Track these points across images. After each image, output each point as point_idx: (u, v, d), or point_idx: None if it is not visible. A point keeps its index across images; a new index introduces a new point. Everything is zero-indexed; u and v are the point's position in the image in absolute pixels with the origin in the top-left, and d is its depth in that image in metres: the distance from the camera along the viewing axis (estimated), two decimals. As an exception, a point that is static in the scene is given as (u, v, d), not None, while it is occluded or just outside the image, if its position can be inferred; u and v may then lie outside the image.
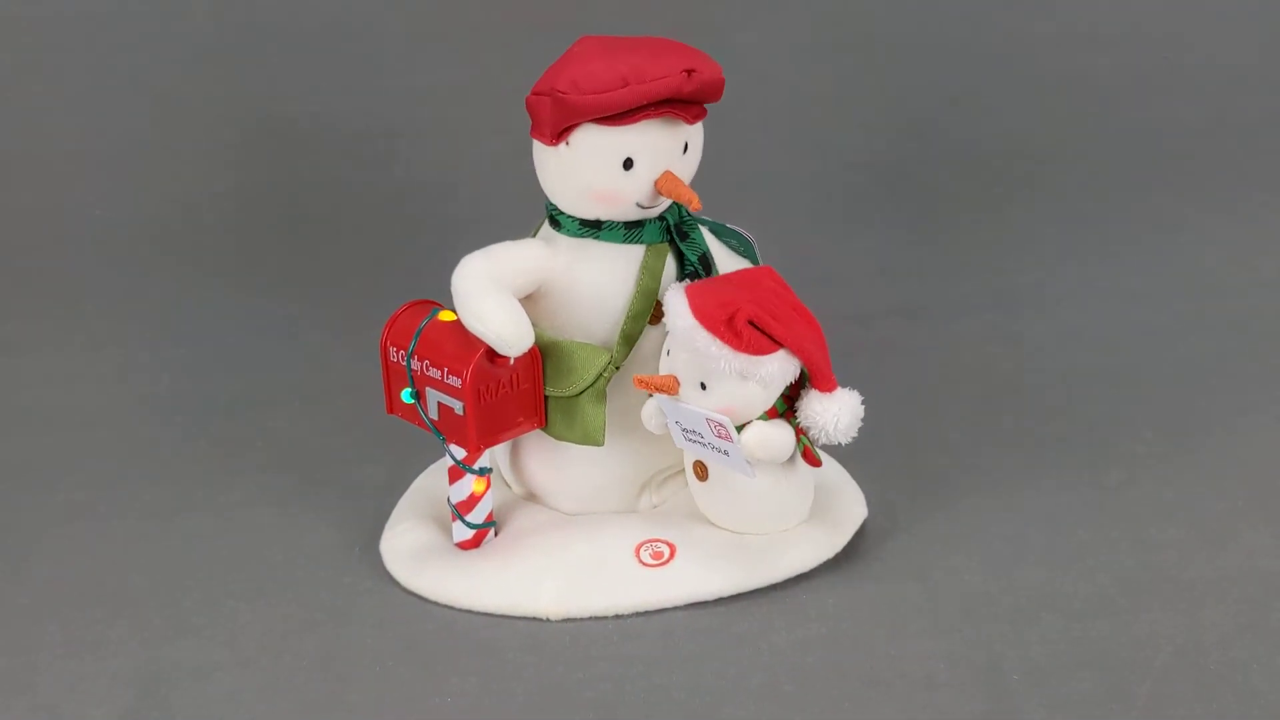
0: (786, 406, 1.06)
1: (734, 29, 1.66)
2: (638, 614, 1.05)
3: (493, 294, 1.02)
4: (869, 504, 1.15)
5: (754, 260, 1.12)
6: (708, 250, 1.08)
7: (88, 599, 1.09)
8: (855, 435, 1.05)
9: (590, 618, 1.05)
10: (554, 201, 1.06)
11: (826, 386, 1.04)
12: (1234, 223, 1.63)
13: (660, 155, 1.02)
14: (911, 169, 1.67)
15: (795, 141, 1.67)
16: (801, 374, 1.04)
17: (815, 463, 1.07)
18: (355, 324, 1.44)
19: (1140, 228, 1.62)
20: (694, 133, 1.05)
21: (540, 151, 1.05)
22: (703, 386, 1.03)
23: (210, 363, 1.43)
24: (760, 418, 1.04)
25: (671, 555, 1.07)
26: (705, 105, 1.04)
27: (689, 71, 1.00)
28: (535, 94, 1.02)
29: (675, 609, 1.05)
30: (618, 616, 1.05)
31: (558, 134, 1.02)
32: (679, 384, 1.03)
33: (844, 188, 1.67)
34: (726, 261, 1.11)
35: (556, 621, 1.05)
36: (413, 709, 0.97)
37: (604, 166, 1.02)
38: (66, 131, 1.62)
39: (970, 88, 1.69)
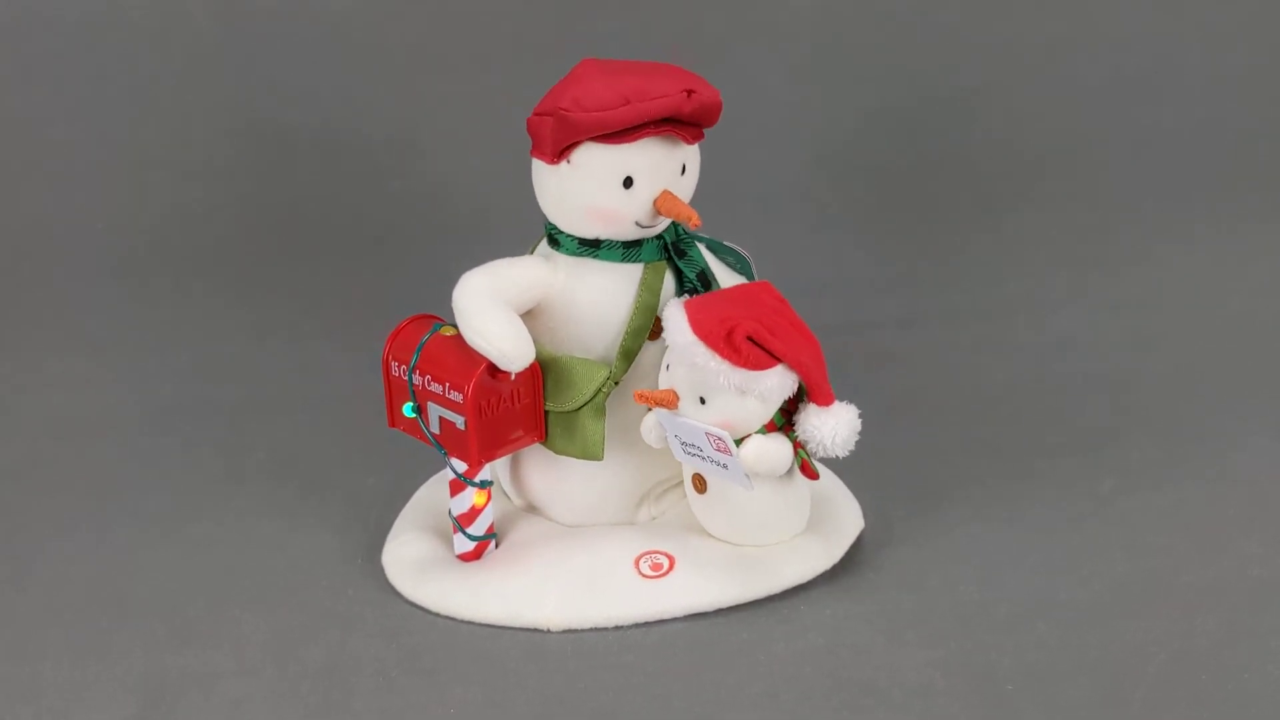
0: (784, 420, 1.07)
1: (729, 38, 1.66)
2: (637, 625, 1.06)
3: (494, 310, 1.02)
4: (865, 515, 1.16)
5: (750, 277, 1.13)
6: (706, 267, 1.09)
7: (91, 607, 1.09)
8: (852, 449, 1.06)
9: (591, 628, 1.05)
10: (553, 221, 1.07)
11: (824, 400, 1.05)
12: (1227, 230, 1.63)
13: (659, 174, 1.03)
14: (906, 179, 1.67)
15: (788, 151, 1.67)
16: (799, 388, 1.05)
17: (813, 476, 1.08)
18: (358, 334, 1.45)
19: (1133, 236, 1.63)
20: (691, 154, 1.06)
21: (540, 171, 1.05)
22: (702, 401, 1.03)
23: (213, 372, 1.43)
24: (758, 431, 1.05)
25: (671, 567, 1.08)
26: (703, 128, 1.05)
27: (689, 92, 1.01)
28: (537, 114, 1.03)
29: (674, 620, 1.06)
30: (618, 627, 1.06)
31: (559, 152, 1.03)
32: (678, 399, 1.04)
33: (838, 198, 1.67)
34: (724, 278, 1.11)
35: (557, 632, 1.05)
36: (416, 719, 0.98)
37: (604, 185, 1.03)
38: (69, 140, 1.62)
39: (966, 96, 1.69)
